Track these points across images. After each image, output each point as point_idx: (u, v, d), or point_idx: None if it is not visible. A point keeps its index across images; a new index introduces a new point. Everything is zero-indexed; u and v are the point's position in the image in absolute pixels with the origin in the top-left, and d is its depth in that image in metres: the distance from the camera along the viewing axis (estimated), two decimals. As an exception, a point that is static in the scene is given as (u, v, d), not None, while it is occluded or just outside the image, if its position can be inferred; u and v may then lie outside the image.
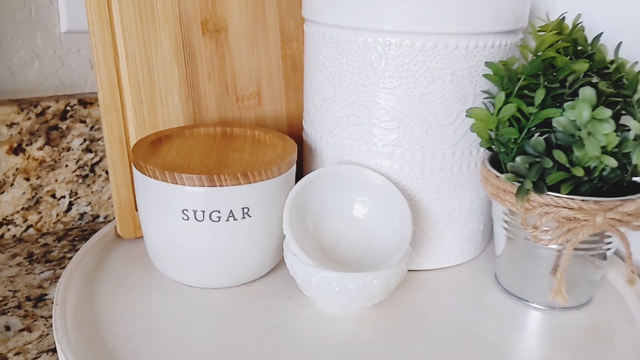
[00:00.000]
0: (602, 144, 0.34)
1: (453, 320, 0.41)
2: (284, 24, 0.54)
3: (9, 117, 0.49)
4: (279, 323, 0.40)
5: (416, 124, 0.42)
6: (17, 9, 0.50)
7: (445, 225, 0.45)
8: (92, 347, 0.36)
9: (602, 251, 0.40)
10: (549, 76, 0.37)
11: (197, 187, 0.38)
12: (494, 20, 0.41)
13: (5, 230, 0.51)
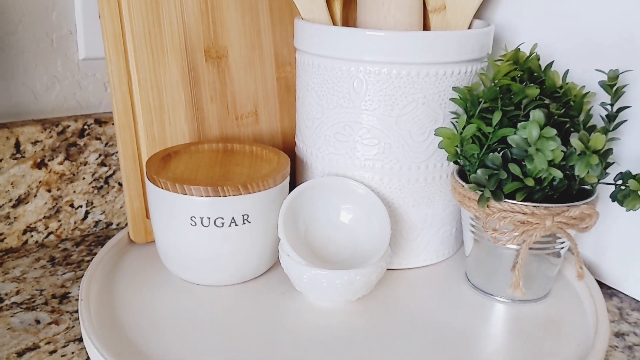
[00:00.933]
0: (549, 158, 0.40)
1: (427, 312, 0.46)
2: (278, 50, 0.60)
3: (33, 135, 0.54)
4: (275, 315, 0.45)
5: (394, 141, 0.47)
6: (40, 39, 0.55)
7: (421, 229, 0.50)
8: (113, 336, 0.41)
9: (555, 250, 0.45)
10: (506, 100, 0.43)
11: (204, 197, 0.44)
12: (460, 50, 0.46)
13: (29, 237, 0.56)
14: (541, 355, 0.41)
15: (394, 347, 0.42)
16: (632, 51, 0.46)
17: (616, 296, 0.50)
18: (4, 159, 0.53)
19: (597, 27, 0.48)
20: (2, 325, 0.44)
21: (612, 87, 0.43)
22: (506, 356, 0.41)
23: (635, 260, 0.49)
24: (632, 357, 0.42)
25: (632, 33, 0.46)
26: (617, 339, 0.44)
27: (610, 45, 0.48)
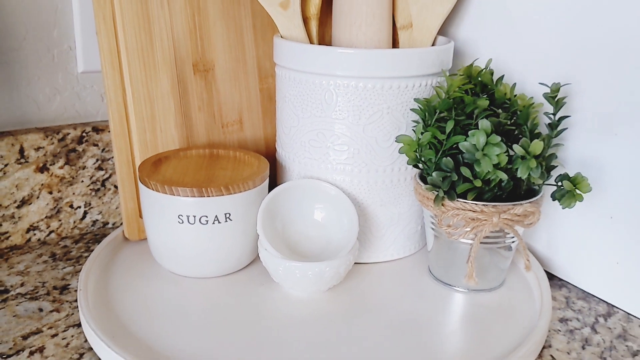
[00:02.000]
0: (494, 162, 0.44)
1: (393, 301, 0.50)
2: (261, 63, 0.64)
3: (36, 142, 0.58)
4: (255, 304, 0.49)
5: (362, 147, 0.52)
6: (42, 54, 0.59)
7: (388, 227, 0.55)
8: (108, 321, 0.46)
9: (506, 244, 0.50)
10: (459, 110, 0.48)
11: (190, 197, 0.48)
12: (421, 66, 0.51)
13: (32, 235, 0.60)
14: (490, 337, 0.46)
15: (362, 332, 0.46)
16: (575, 66, 0.51)
17: (565, 287, 0.55)
18: (9, 163, 0.57)
19: (545, 44, 0.53)
20: (8, 313, 0.48)
21: (554, 99, 0.48)
22: (459, 338, 0.46)
23: (582, 254, 0.54)
24: (572, 339, 0.47)
25: (576, 50, 0.51)
26: (561, 324, 0.49)
27: (557, 60, 0.53)
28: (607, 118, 0.50)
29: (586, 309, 0.51)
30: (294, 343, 0.44)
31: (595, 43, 0.49)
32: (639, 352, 0.46)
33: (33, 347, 0.44)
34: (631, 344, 0.47)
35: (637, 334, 0.48)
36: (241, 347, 0.43)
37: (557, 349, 0.46)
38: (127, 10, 0.55)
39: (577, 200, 0.46)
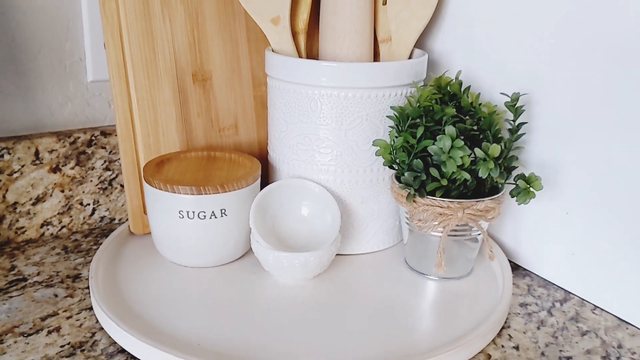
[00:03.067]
0: (458, 163, 0.50)
1: (372, 287, 0.56)
2: (255, 73, 0.69)
3: (50, 145, 0.64)
4: (247, 290, 0.55)
5: (344, 150, 0.57)
6: (56, 65, 0.65)
7: (368, 222, 0.61)
8: (116, 305, 0.51)
9: (472, 236, 0.56)
10: (429, 117, 0.53)
11: (189, 195, 0.54)
12: (397, 77, 0.57)
13: (46, 230, 0.66)
14: (456, 319, 0.51)
15: (344, 314, 0.51)
16: (536, 78, 0.57)
17: (528, 276, 0.60)
18: (25, 165, 0.63)
19: (510, 57, 0.59)
20: (27, 298, 0.54)
21: (514, 107, 0.54)
22: (430, 320, 0.51)
23: (543, 246, 0.59)
24: (529, 321, 0.53)
25: (536, 63, 0.57)
26: (521, 308, 0.55)
27: (520, 72, 0.58)
28: (562, 124, 0.55)
29: (545, 295, 0.57)
30: (282, 324, 0.50)
31: (553, 57, 0.55)
32: (587, 332, 0.51)
33: (50, 327, 0.49)
34: (582, 325, 0.52)
35: (588, 317, 0.54)
36: (235, 327, 0.49)
37: (515, 329, 0.51)
38: (132, 26, 0.60)
39: (531, 197, 0.52)
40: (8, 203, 0.62)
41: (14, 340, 0.48)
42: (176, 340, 0.47)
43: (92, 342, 0.48)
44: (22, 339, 0.48)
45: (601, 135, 0.52)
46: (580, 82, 0.53)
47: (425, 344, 0.48)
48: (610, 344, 0.50)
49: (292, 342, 0.47)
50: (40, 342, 0.48)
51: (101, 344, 0.48)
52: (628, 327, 0.52)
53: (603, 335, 0.51)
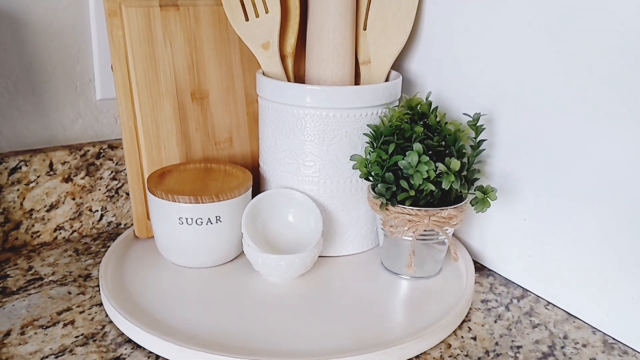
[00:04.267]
0: (424, 176, 0.56)
1: (351, 286, 0.62)
2: (248, 91, 0.76)
3: (62, 157, 0.70)
4: (239, 288, 0.61)
5: (326, 163, 0.64)
6: (68, 85, 0.71)
7: (348, 227, 0.67)
8: (124, 301, 0.57)
9: (439, 240, 0.62)
10: (400, 135, 0.59)
11: (188, 203, 0.60)
12: (373, 98, 0.63)
13: (59, 234, 0.72)
14: (423, 313, 0.57)
15: (325, 309, 0.58)
16: (498, 99, 0.63)
17: (492, 275, 0.67)
18: (40, 175, 0.69)
19: (476, 80, 0.65)
20: (44, 295, 0.60)
21: (475, 126, 0.60)
22: (399, 314, 0.58)
23: (504, 249, 0.66)
24: (488, 315, 0.59)
25: (498, 85, 0.63)
26: (482, 304, 0.61)
27: (484, 93, 0.64)
28: (520, 141, 0.62)
29: (505, 292, 0.63)
30: (270, 317, 0.56)
31: (512, 80, 0.61)
32: (538, 325, 0.58)
33: (66, 321, 0.56)
34: (534, 319, 0.59)
35: (541, 312, 0.60)
36: (228, 320, 0.55)
37: (475, 322, 0.58)
38: (137, 50, 0.67)
39: (487, 206, 0.58)
40: (25, 210, 0.69)
41: (34, 332, 0.54)
42: (176, 331, 0.53)
43: (103, 333, 0.54)
44: (41, 330, 0.54)
45: (553, 151, 0.59)
46: (535, 103, 0.59)
47: (395, 334, 0.54)
48: (557, 335, 0.56)
49: (279, 333, 0.54)
50: (57, 333, 0.54)
51: (110, 335, 0.54)
52: (575, 320, 0.59)
53: (552, 328, 0.57)
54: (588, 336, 0.56)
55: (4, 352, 0.51)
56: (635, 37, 0.50)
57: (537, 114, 0.59)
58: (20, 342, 0.52)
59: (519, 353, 0.53)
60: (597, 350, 0.54)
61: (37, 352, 0.51)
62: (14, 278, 0.63)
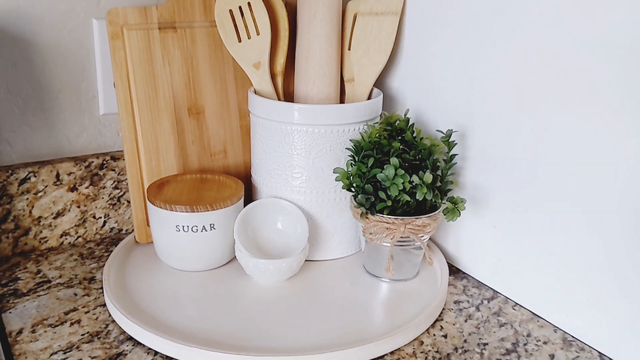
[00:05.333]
0: (400, 188, 0.61)
1: (335, 287, 0.67)
2: (241, 105, 0.80)
3: (68, 168, 0.75)
4: (232, 290, 0.66)
5: (312, 174, 0.69)
6: (73, 102, 0.75)
7: (333, 233, 0.72)
8: (125, 302, 0.62)
9: (416, 245, 0.67)
10: (378, 150, 0.64)
11: (185, 212, 0.65)
12: (356, 115, 0.68)
13: (65, 239, 0.77)
14: (400, 312, 0.62)
15: (311, 309, 0.62)
16: (469, 115, 0.68)
17: (466, 278, 0.72)
18: (48, 185, 0.74)
19: (451, 98, 0.70)
20: (52, 297, 0.65)
21: (447, 141, 0.65)
22: (378, 313, 0.63)
23: (477, 253, 0.71)
24: (459, 315, 0.64)
25: (469, 103, 0.68)
26: (455, 305, 0.66)
27: (458, 110, 0.69)
28: (490, 155, 0.67)
29: (477, 294, 0.68)
30: (260, 316, 0.61)
31: (480, 100, 0.66)
32: (504, 324, 0.62)
33: (72, 320, 0.60)
34: (501, 318, 0.64)
35: (508, 312, 0.65)
36: (221, 319, 0.60)
37: (447, 322, 0.63)
38: (137, 69, 0.71)
39: (457, 215, 0.63)
40: (33, 217, 0.73)
41: (44, 330, 0.59)
42: (173, 330, 0.58)
43: (106, 331, 0.59)
44: (50, 329, 0.59)
45: (518, 165, 0.63)
46: (502, 121, 0.64)
47: (373, 332, 0.59)
48: (521, 334, 0.61)
49: (268, 331, 0.58)
50: (65, 331, 0.59)
51: (113, 333, 0.59)
52: (539, 320, 0.63)
53: (517, 327, 0.62)
54: (549, 334, 0.61)
55: (17, 348, 0.56)
56: (593, 60, 0.55)
57: (504, 132, 0.64)
58: (31, 339, 0.57)
59: (485, 350, 0.58)
60: (556, 347, 0.59)
61: (47, 348, 0.56)
62: (24, 281, 0.67)
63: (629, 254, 0.54)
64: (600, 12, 0.53)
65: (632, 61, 0.51)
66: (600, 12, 0.53)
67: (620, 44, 0.52)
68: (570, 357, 0.57)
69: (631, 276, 0.54)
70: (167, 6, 0.73)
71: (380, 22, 0.73)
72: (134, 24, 0.71)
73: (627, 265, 0.55)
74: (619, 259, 0.55)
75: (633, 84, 0.52)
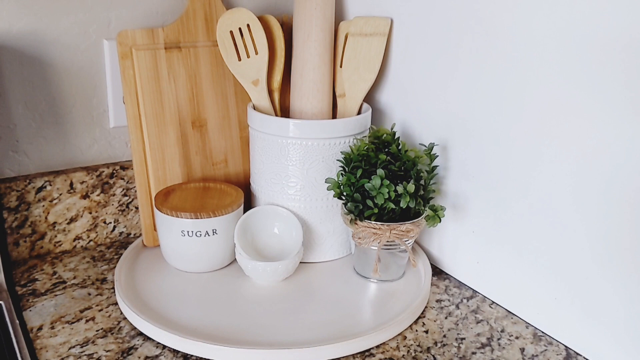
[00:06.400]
0: (386, 197, 0.66)
1: (327, 287, 0.72)
2: (241, 118, 0.86)
3: (81, 177, 0.80)
4: (232, 289, 0.71)
5: (306, 184, 0.74)
6: (85, 116, 0.81)
7: (325, 238, 0.77)
8: (135, 300, 0.67)
9: (401, 249, 0.72)
10: (366, 162, 0.70)
11: (189, 219, 0.70)
12: (346, 129, 0.73)
13: (78, 243, 0.82)
14: (386, 310, 0.67)
15: (305, 307, 0.67)
16: (449, 129, 0.73)
17: (448, 279, 0.77)
18: (62, 193, 0.79)
19: (434, 112, 0.75)
20: (68, 296, 0.70)
21: (429, 154, 0.70)
22: (366, 311, 0.68)
23: (458, 256, 0.76)
24: (440, 312, 0.69)
25: (451, 118, 0.73)
26: (437, 303, 0.71)
27: (440, 124, 0.75)
28: (467, 166, 0.72)
29: (457, 293, 0.74)
30: (258, 314, 0.66)
31: (460, 116, 0.72)
32: (481, 321, 0.68)
33: (87, 317, 0.66)
34: (479, 315, 0.69)
35: (485, 310, 0.70)
36: (222, 316, 0.65)
37: (428, 318, 0.68)
38: (145, 86, 0.77)
39: (437, 222, 0.68)
40: (49, 223, 0.79)
41: (62, 327, 0.64)
42: (179, 325, 0.63)
43: (118, 327, 0.64)
44: (68, 325, 0.64)
45: (494, 175, 0.69)
46: (479, 135, 0.70)
47: (361, 327, 0.64)
48: (496, 329, 0.66)
49: (266, 327, 0.64)
50: (81, 327, 0.64)
51: (125, 329, 0.64)
52: (513, 317, 0.69)
53: (493, 323, 0.68)
54: (521, 330, 0.66)
55: (38, 343, 0.61)
56: (560, 79, 0.60)
57: (481, 145, 0.70)
58: (51, 335, 0.62)
59: (462, 344, 0.63)
60: (527, 341, 0.64)
61: (65, 343, 0.61)
62: (42, 282, 0.73)
63: (593, 256, 0.60)
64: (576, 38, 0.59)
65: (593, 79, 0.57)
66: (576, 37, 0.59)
67: (585, 61, 0.58)
68: (539, 350, 0.63)
69: (593, 277, 0.60)
70: (173, 28, 0.78)
71: (369, 42, 0.78)
72: (142, 44, 0.76)
73: (590, 267, 0.60)
74: (583, 261, 0.61)
75: (594, 96, 0.57)
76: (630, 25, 0.53)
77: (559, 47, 0.59)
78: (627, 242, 0.56)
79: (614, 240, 0.57)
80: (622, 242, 0.57)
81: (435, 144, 0.72)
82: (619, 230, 0.57)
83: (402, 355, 0.61)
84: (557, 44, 0.59)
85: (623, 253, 0.57)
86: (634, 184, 0.55)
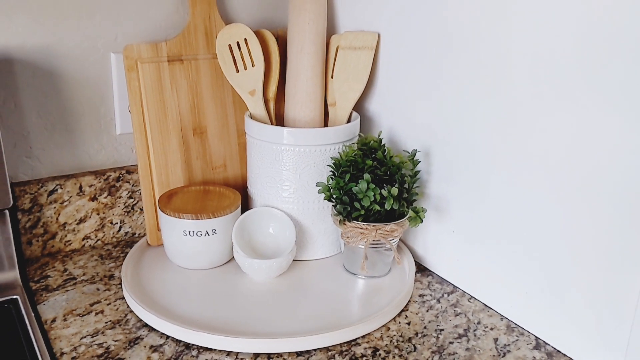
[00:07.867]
0: (372, 199, 0.71)
1: (318, 283, 0.77)
2: (239, 126, 0.91)
3: (89, 181, 0.85)
4: (230, 285, 0.76)
5: (299, 187, 0.79)
6: (93, 124, 0.85)
7: (317, 237, 0.82)
8: (141, 295, 0.72)
9: (387, 247, 0.77)
10: (354, 167, 0.75)
11: (191, 220, 0.75)
12: (336, 136, 0.78)
13: (86, 242, 0.87)
14: (372, 304, 0.72)
15: (297, 301, 0.72)
16: (431, 136, 0.78)
17: (431, 275, 0.82)
18: (72, 195, 0.84)
19: (418, 119, 0.80)
20: (79, 292, 0.75)
21: (412, 160, 0.75)
22: (354, 304, 0.73)
23: (441, 254, 0.81)
24: (422, 306, 0.74)
25: (433, 124, 0.78)
26: (419, 298, 0.76)
27: (424, 131, 0.80)
28: (449, 170, 0.77)
29: (439, 288, 0.79)
30: (254, 307, 0.71)
31: (441, 124, 0.77)
32: (459, 314, 0.73)
33: (97, 310, 0.71)
34: (457, 309, 0.74)
35: (464, 304, 0.75)
36: (221, 309, 0.70)
37: (411, 312, 0.73)
38: (149, 96, 0.82)
39: (418, 222, 0.73)
40: (60, 223, 0.84)
41: (74, 319, 0.69)
42: (181, 317, 0.68)
43: (125, 320, 0.69)
44: (79, 318, 0.69)
45: (473, 179, 0.74)
46: (458, 142, 0.75)
47: (349, 319, 0.69)
48: (472, 322, 0.71)
49: (261, 319, 0.69)
50: (91, 320, 0.69)
51: (132, 321, 0.69)
52: (489, 310, 0.74)
53: (470, 316, 0.72)
54: (496, 322, 0.71)
55: (52, 333, 0.66)
56: (542, 84, 0.65)
57: (461, 151, 0.75)
58: (64, 326, 0.67)
59: (440, 334, 0.68)
60: (500, 332, 0.69)
61: (77, 333, 0.66)
62: (53, 278, 0.78)
63: (558, 255, 0.65)
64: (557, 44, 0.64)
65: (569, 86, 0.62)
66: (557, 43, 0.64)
67: (565, 68, 0.63)
68: (511, 340, 0.68)
69: (560, 273, 0.65)
70: (175, 42, 0.83)
71: (358, 55, 0.83)
72: (146, 57, 0.81)
73: (556, 265, 0.65)
74: (550, 259, 0.65)
75: (568, 98, 0.62)
76: (606, 25, 0.58)
77: (537, 55, 0.64)
78: (590, 240, 0.61)
79: (579, 240, 0.62)
80: (585, 242, 0.62)
81: (418, 151, 0.77)
82: (584, 232, 0.62)
83: (385, 344, 0.66)
84: (534, 52, 0.64)
85: (587, 252, 0.62)
86: (606, 185, 0.60)
